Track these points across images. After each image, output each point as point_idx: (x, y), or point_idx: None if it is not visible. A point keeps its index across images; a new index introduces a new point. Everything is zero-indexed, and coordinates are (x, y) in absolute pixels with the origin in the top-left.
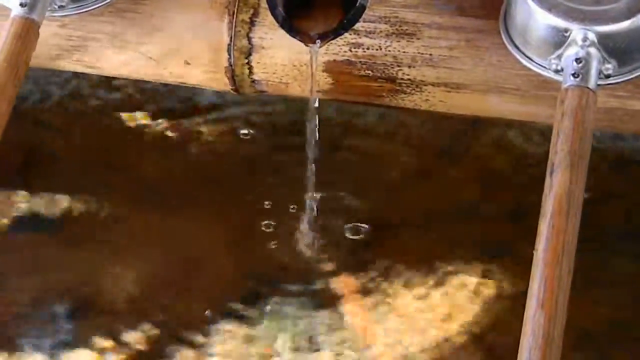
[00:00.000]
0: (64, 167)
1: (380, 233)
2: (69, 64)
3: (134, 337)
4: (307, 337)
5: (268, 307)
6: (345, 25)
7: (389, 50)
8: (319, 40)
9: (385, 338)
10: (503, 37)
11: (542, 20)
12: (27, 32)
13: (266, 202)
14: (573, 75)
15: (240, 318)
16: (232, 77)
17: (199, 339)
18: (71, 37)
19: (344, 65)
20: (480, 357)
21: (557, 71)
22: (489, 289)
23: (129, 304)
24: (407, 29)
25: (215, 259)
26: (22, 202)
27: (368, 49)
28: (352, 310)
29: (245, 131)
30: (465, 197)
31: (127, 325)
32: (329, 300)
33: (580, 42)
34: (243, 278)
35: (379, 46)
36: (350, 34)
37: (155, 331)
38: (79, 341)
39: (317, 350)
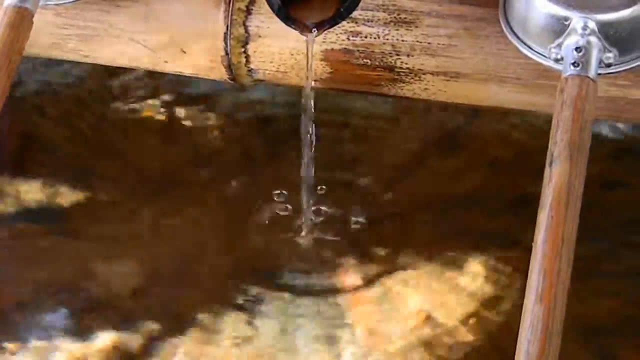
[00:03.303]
0: (62, 156)
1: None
2: (64, 53)
3: (135, 331)
4: (310, 331)
5: (268, 299)
6: (342, 14)
7: (388, 39)
8: (315, 29)
9: (388, 329)
10: (503, 25)
11: (542, 9)
12: (21, 21)
13: (264, 191)
14: (573, 64)
15: (242, 310)
16: (229, 66)
17: (201, 332)
18: (66, 26)
19: (341, 54)
20: (483, 349)
21: (557, 60)
22: (492, 279)
23: (129, 296)
24: (405, 17)
25: (216, 249)
26: (19, 192)
27: (366, 37)
28: (354, 301)
29: (242, 120)
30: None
31: (127, 318)
32: (330, 292)
33: (580, 31)
34: (243, 269)
35: (377, 35)
36: (348, 22)
37: (156, 324)
38: (79, 333)
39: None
